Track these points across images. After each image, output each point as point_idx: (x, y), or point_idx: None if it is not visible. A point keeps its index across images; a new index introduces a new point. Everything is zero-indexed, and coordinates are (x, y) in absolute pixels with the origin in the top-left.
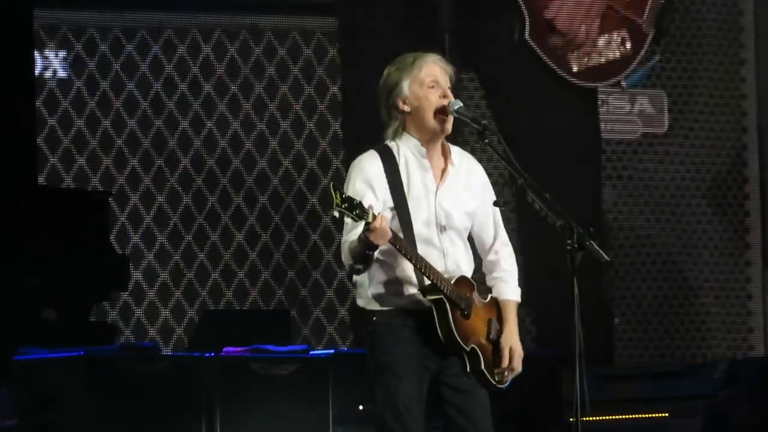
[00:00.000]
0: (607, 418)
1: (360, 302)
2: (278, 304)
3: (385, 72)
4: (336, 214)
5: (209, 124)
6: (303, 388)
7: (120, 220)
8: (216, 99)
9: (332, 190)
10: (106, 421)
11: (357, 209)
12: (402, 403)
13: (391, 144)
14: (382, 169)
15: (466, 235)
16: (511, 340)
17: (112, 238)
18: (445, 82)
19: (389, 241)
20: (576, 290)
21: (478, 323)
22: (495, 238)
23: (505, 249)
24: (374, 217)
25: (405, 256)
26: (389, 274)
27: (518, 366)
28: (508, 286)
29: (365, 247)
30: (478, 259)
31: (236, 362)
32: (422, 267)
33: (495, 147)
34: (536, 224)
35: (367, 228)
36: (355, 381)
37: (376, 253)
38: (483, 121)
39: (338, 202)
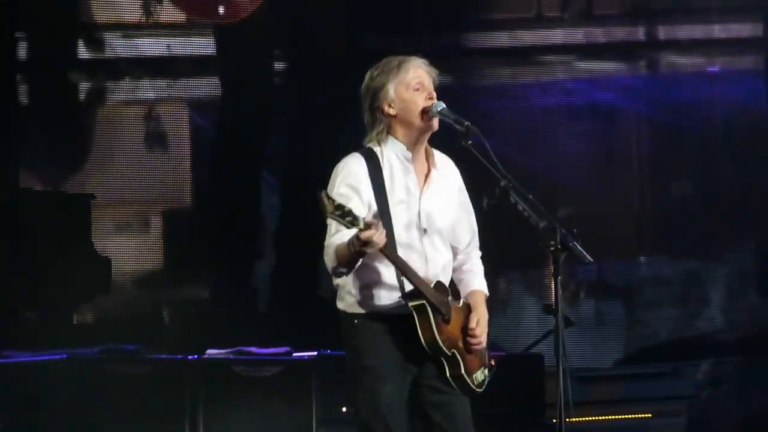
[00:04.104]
0: (591, 419)
1: (340, 305)
2: (262, 307)
3: (368, 76)
4: (329, 221)
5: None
6: (286, 390)
7: (102, 222)
8: (200, 98)
9: (325, 199)
10: (89, 424)
11: (349, 216)
12: (385, 405)
13: (376, 148)
14: (366, 173)
15: (447, 239)
16: (480, 314)
17: (93, 240)
18: (430, 84)
19: (381, 250)
20: (559, 292)
21: (455, 327)
22: (469, 243)
23: (476, 252)
24: (367, 225)
25: (392, 261)
26: (371, 278)
27: (482, 334)
28: (477, 278)
29: (355, 252)
30: None
31: (219, 364)
32: (407, 272)
33: (477, 148)
34: (515, 226)
35: (358, 236)
36: (338, 383)
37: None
38: (466, 123)
39: (331, 210)
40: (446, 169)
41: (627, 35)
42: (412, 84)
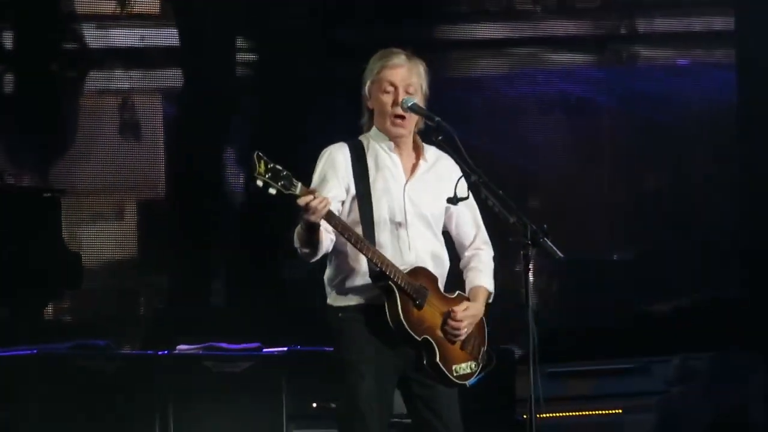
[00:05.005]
0: (561, 414)
1: (328, 299)
2: (234, 302)
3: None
4: (259, 183)
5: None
6: (256, 386)
7: (73, 214)
8: (173, 88)
9: (255, 159)
10: (59, 420)
11: (283, 180)
12: (362, 400)
13: (363, 138)
14: (349, 159)
15: (437, 230)
16: (470, 304)
17: (64, 234)
18: (409, 85)
19: (324, 218)
20: (530, 287)
21: (434, 315)
22: (475, 237)
23: (485, 246)
24: (304, 190)
25: (343, 235)
26: (353, 270)
27: (463, 320)
28: (481, 275)
29: (304, 227)
30: (456, 258)
31: (190, 360)
32: (365, 250)
33: (448, 143)
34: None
35: (298, 204)
36: (308, 379)
37: (340, 247)
38: (436, 118)
39: (261, 171)
40: (440, 164)
41: (599, 28)
42: (383, 86)
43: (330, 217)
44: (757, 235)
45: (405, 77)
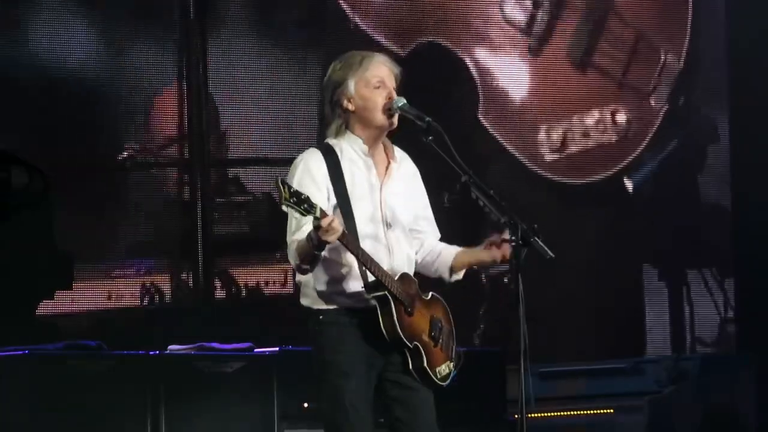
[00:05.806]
0: (552, 414)
1: (305, 301)
2: (222, 302)
3: (331, 68)
4: (284, 208)
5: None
6: (248, 386)
7: (64, 216)
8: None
9: (280, 185)
10: (50, 420)
11: (305, 204)
12: (348, 402)
13: (333, 142)
14: (325, 167)
15: (408, 232)
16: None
17: (55, 235)
18: (392, 82)
19: (338, 238)
20: (521, 287)
21: (420, 320)
22: (432, 236)
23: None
24: (323, 212)
25: (352, 252)
26: (334, 273)
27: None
28: (449, 246)
29: (314, 245)
30: None
31: (181, 360)
32: (368, 263)
33: (439, 144)
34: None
35: (317, 225)
36: (300, 379)
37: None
38: (426, 118)
39: (287, 196)
40: (404, 164)
41: None
42: (373, 82)
43: (343, 235)
44: (746, 235)
45: (388, 74)
